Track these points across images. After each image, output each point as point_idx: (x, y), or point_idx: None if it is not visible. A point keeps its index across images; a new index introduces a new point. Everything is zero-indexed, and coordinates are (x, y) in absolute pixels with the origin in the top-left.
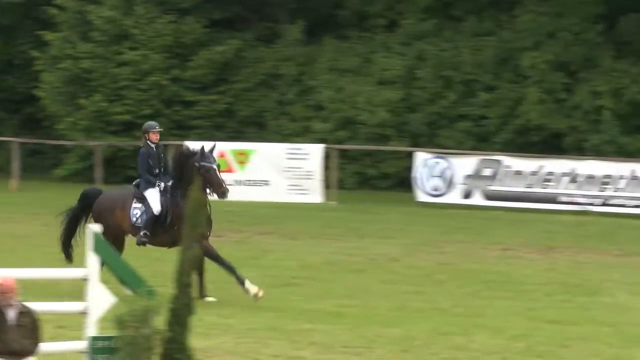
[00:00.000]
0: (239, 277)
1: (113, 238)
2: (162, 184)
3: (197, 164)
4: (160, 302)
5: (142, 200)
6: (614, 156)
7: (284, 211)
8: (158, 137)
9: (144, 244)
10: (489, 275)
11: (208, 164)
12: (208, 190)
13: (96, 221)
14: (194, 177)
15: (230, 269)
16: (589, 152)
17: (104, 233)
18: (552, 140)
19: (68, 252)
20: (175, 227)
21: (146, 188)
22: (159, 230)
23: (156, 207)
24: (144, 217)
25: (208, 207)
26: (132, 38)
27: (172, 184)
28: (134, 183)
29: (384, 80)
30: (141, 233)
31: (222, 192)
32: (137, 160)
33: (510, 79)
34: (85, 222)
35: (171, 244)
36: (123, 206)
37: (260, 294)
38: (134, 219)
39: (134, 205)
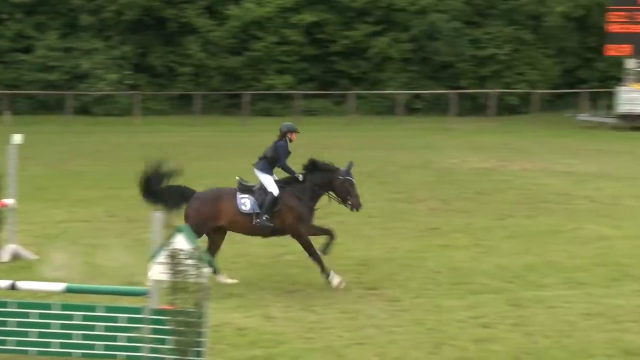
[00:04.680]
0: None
1: (208, 231)
2: (301, 176)
3: (341, 177)
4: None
5: (248, 192)
6: None
7: None
8: (295, 138)
9: (267, 228)
10: None
11: (352, 179)
12: (341, 200)
13: (187, 219)
14: (333, 184)
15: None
16: None
17: (198, 228)
18: None
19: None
20: (280, 218)
21: (265, 174)
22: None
23: (275, 190)
24: (258, 202)
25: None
26: None
27: (299, 179)
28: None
29: None
30: (263, 217)
31: (358, 203)
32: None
33: None
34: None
35: (270, 233)
36: (229, 199)
37: (341, 285)
38: (242, 207)
39: (239, 197)
